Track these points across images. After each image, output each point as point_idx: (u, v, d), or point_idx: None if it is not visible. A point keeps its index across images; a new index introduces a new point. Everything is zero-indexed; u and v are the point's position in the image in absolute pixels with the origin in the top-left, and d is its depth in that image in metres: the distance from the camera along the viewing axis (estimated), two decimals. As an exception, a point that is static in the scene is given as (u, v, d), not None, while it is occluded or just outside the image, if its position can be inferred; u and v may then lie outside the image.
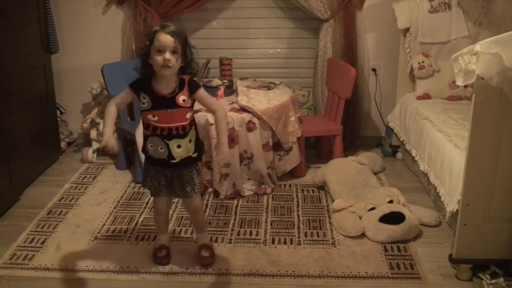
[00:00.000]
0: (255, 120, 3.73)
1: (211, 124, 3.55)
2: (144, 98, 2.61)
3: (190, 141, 2.71)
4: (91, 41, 4.71)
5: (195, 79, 2.70)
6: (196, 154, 2.77)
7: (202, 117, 3.62)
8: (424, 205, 3.57)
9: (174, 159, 2.69)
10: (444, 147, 3.35)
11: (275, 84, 4.27)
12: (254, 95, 4.02)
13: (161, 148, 2.67)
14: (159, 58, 2.51)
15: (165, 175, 2.77)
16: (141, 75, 2.64)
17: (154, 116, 2.63)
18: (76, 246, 3.23)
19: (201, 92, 2.69)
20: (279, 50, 4.72)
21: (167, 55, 2.49)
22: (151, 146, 2.70)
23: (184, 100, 2.63)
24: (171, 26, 2.55)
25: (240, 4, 4.62)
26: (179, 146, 2.68)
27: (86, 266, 3.02)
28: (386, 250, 3.13)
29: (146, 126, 2.68)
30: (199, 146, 2.81)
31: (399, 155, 4.52)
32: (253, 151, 3.75)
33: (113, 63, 4.31)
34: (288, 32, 4.67)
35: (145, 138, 2.73)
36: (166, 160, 2.70)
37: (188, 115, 2.68)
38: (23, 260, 3.09)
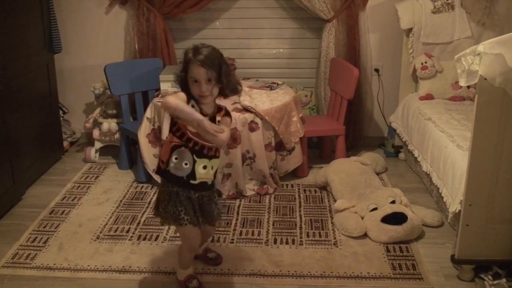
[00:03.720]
0: (258, 120, 3.73)
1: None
2: (193, 107, 2.50)
3: (212, 167, 2.61)
4: (94, 41, 4.71)
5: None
6: (211, 182, 2.65)
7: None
8: (427, 206, 3.56)
9: (195, 180, 2.55)
10: (447, 147, 3.34)
11: (278, 84, 4.27)
12: (257, 95, 4.02)
13: (186, 164, 2.52)
14: (196, 89, 2.47)
15: (191, 201, 2.59)
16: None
17: None
18: (78, 245, 3.24)
19: (228, 119, 2.63)
20: (281, 50, 4.72)
21: (203, 87, 2.45)
22: (176, 159, 2.53)
23: (218, 121, 2.57)
24: (203, 53, 2.45)
25: (243, 4, 4.62)
26: (204, 167, 2.56)
27: (88, 265, 3.03)
28: (388, 250, 3.13)
29: (181, 135, 2.52)
30: (215, 176, 2.69)
31: (402, 155, 4.51)
32: (256, 151, 3.75)
33: (116, 63, 4.32)
34: (290, 32, 4.67)
35: (172, 148, 2.53)
36: (184, 179, 2.54)
37: None
38: (26, 259, 3.09)
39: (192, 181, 2.55)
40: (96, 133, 4.52)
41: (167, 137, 2.62)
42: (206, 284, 2.83)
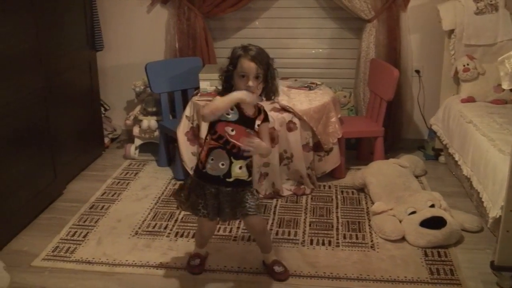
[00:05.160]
0: (296, 120, 3.73)
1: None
2: (232, 110, 2.57)
3: (247, 165, 2.66)
4: (135, 40, 4.78)
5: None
6: (249, 178, 2.70)
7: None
8: (466, 210, 3.50)
9: (230, 178, 2.62)
10: (488, 151, 3.28)
11: (316, 84, 4.26)
12: (295, 95, 4.01)
13: (222, 164, 2.59)
14: (242, 84, 2.53)
15: (216, 196, 2.65)
16: (221, 95, 2.60)
17: (232, 130, 2.58)
18: (117, 240, 3.29)
19: (267, 124, 2.73)
20: (321, 50, 4.70)
21: (250, 82, 2.51)
22: (212, 160, 2.61)
23: (258, 125, 2.63)
24: (253, 49, 2.55)
25: (283, 3, 4.61)
26: (240, 168, 2.62)
27: (126, 260, 3.07)
28: (426, 255, 3.09)
29: (218, 138, 2.59)
30: (250, 171, 2.73)
31: (442, 158, 4.44)
32: (293, 151, 3.75)
33: (157, 61, 4.37)
34: (330, 32, 4.64)
35: (209, 150, 2.62)
36: (220, 178, 2.61)
37: None
38: (65, 252, 3.16)
39: (228, 179, 2.62)
40: (136, 130, 4.59)
41: (206, 139, 2.67)
42: (241, 283, 2.86)
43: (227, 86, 2.61)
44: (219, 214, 2.71)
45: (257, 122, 2.64)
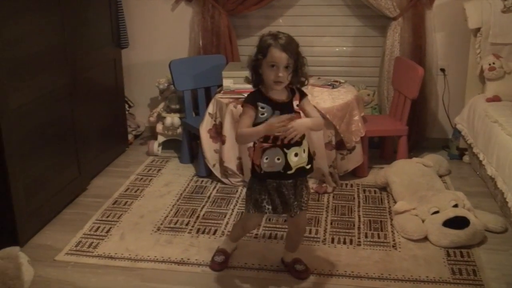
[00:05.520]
0: (319, 118, 3.71)
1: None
2: (263, 108, 2.51)
3: (304, 150, 2.60)
4: (159, 37, 4.81)
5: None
6: (309, 165, 2.65)
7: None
8: (490, 211, 3.46)
9: (291, 169, 2.56)
10: (514, 151, 3.24)
11: (340, 82, 4.24)
12: (318, 93, 4.00)
13: (278, 159, 2.54)
14: (272, 74, 2.47)
15: (278, 190, 2.62)
16: (253, 84, 2.59)
17: None
18: (139, 236, 3.32)
19: (308, 99, 2.66)
20: (345, 48, 4.68)
21: (281, 73, 2.45)
22: (266, 159, 2.55)
23: (297, 105, 2.59)
24: (283, 38, 2.49)
25: (307, 1, 4.60)
26: (296, 155, 2.55)
27: (148, 256, 3.10)
28: (448, 255, 3.06)
29: (265, 139, 2.54)
30: (311, 157, 2.70)
31: (466, 158, 4.39)
32: (315, 149, 3.73)
33: (181, 59, 4.39)
34: (354, 30, 4.61)
35: (263, 151, 2.56)
36: (281, 173, 2.56)
37: None
38: (88, 247, 3.20)
39: (289, 172, 2.57)
40: (159, 127, 4.62)
41: (255, 144, 2.63)
42: (261, 280, 2.86)
43: (257, 76, 2.55)
44: (284, 209, 2.66)
45: (295, 102, 2.58)
